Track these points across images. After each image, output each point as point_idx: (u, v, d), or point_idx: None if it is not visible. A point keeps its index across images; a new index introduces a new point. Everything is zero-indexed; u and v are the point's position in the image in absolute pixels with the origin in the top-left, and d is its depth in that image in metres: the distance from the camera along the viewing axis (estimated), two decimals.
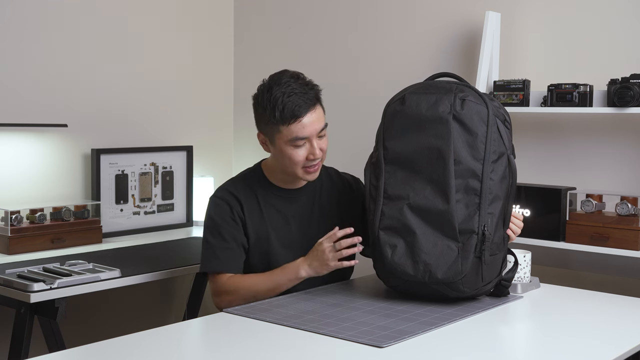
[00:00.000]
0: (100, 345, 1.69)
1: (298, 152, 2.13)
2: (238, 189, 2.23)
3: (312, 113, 2.12)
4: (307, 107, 2.11)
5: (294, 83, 2.12)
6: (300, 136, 2.11)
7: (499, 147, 2.00)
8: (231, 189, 2.24)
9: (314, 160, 2.15)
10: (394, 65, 3.37)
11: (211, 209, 2.23)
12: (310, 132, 2.12)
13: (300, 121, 2.10)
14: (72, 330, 3.04)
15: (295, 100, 2.09)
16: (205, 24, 3.77)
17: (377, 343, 1.70)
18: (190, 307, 3.37)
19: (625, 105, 2.56)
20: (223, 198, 2.22)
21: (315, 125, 2.13)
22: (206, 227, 2.23)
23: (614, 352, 1.71)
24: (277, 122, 2.11)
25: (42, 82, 3.12)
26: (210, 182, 3.66)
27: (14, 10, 3.03)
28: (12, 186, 3.04)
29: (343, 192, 2.32)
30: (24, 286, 2.29)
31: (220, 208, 2.21)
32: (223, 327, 1.88)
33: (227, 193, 2.23)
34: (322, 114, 2.17)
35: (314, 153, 2.13)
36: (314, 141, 2.13)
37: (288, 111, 2.09)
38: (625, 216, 2.59)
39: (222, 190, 2.25)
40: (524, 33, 3.02)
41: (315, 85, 2.17)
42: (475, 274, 1.96)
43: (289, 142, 2.12)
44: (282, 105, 2.09)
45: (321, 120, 2.15)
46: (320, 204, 2.27)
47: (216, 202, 2.23)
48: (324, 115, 2.18)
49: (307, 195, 2.27)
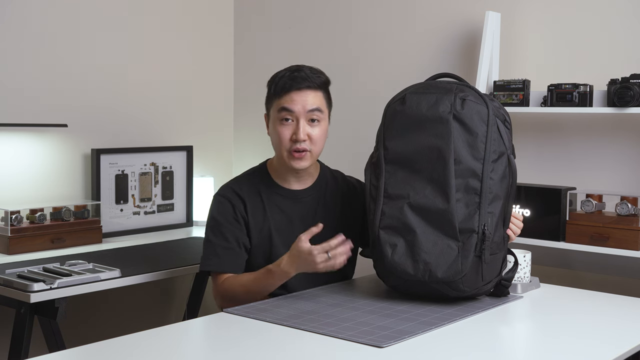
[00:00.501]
0: (100, 345, 1.69)
1: (284, 129, 2.16)
2: (242, 188, 2.23)
3: (307, 91, 2.15)
4: (303, 84, 2.15)
5: (303, 67, 2.19)
6: (287, 107, 2.14)
7: (499, 146, 2.01)
8: (235, 187, 2.24)
9: (298, 142, 2.15)
10: (394, 65, 3.37)
11: (214, 207, 2.23)
12: (298, 108, 2.14)
13: (290, 93, 2.15)
14: (72, 330, 3.04)
15: (294, 76, 2.16)
16: (205, 24, 3.77)
17: (377, 343, 1.70)
18: (190, 307, 3.37)
19: (625, 105, 2.56)
20: (226, 196, 2.22)
21: (306, 102, 2.15)
22: (208, 226, 2.23)
23: (614, 352, 1.71)
24: (273, 95, 2.19)
25: (42, 82, 3.12)
26: (210, 182, 3.67)
27: (14, 10, 3.03)
28: (12, 186, 3.04)
29: (347, 195, 2.32)
30: (24, 286, 2.29)
31: (223, 207, 2.21)
32: (223, 327, 1.88)
33: (230, 192, 2.23)
34: (320, 99, 2.19)
35: (297, 133, 2.14)
36: (301, 121, 2.15)
37: (282, 83, 2.16)
38: (625, 216, 2.59)
39: (226, 189, 2.25)
40: (524, 33, 3.02)
41: (325, 75, 2.21)
42: (475, 273, 1.97)
43: (277, 113, 2.16)
44: (280, 79, 2.17)
45: (316, 102, 2.17)
46: (325, 206, 2.27)
47: (219, 200, 2.23)
48: (325, 104, 2.20)
49: (312, 196, 2.27)
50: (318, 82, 2.18)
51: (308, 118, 2.16)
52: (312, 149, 2.18)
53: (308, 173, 2.27)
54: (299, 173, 2.24)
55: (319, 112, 2.17)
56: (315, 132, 2.17)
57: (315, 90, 2.17)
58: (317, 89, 2.18)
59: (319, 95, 2.18)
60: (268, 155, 2.33)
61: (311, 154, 2.18)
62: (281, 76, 2.18)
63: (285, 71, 2.20)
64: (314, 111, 2.16)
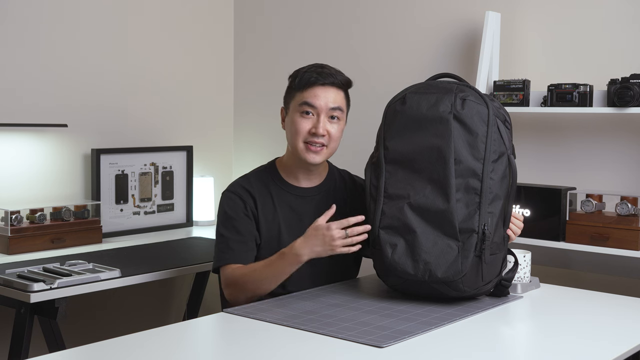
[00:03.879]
0: (100, 345, 1.69)
1: (304, 121, 2.17)
2: (252, 185, 2.23)
3: (330, 88, 2.18)
4: (328, 80, 2.17)
5: (327, 65, 2.22)
6: (309, 102, 2.16)
7: (499, 146, 2.01)
8: (245, 184, 2.24)
9: (316, 136, 2.16)
10: (394, 65, 3.37)
11: (224, 203, 2.22)
12: (320, 104, 2.16)
13: (314, 88, 2.17)
14: (72, 330, 3.04)
15: (320, 72, 2.18)
16: (205, 24, 3.77)
17: (377, 343, 1.70)
18: (190, 307, 3.37)
19: (625, 105, 2.56)
20: (236, 193, 2.22)
21: (328, 99, 2.17)
22: (220, 222, 2.22)
23: (614, 352, 1.71)
24: (295, 89, 2.20)
25: (42, 82, 3.12)
26: (210, 182, 3.67)
27: (14, 10, 3.03)
28: (12, 186, 3.04)
29: (355, 193, 2.33)
30: (24, 286, 2.29)
31: (234, 202, 2.21)
32: (223, 327, 1.88)
33: (240, 188, 2.23)
34: (342, 98, 2.21)
35: (317, 127, 2.15)
36: (322, 116, 2.16)
37: (306, 78, 2.18)
38: (625, 216, 2.59)
39: (236, 186, 2.24)
40: (524, 33, 3.02)
41: (347, 77, 2.24)
42: (476, 273, 1.97)
43: (298, 107, 2.18)
44: (304, 73, 2.19)
45: (337, 101, 2.19)
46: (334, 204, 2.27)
47: (229, 196, 2.22)
48: (345, 104, 2.23)
49: (321, 194, 2.27)
50: (342, 81, 2.21)
51: (329, 115, 2.18)
52: (329, 145, 2.19)
53: (317, 171, 2.27)
54: (309, 170, 2.24)
55: (340, 111, 2.20)
56: (334, 129, 2.19)
57: (338, 88, 2.20)
58: (340, 88, 2.21)
59: (340, 94, 2.21)
60: (268, 155, 2.33)
61: (327, 150, 2.20)
62: (306, 70, 2.20)
63: (310, 66, 2.22)
64: (335, 109, 2.18)
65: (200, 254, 2.90)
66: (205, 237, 3.26)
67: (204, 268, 2.78)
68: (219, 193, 3.40)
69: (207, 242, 3.14)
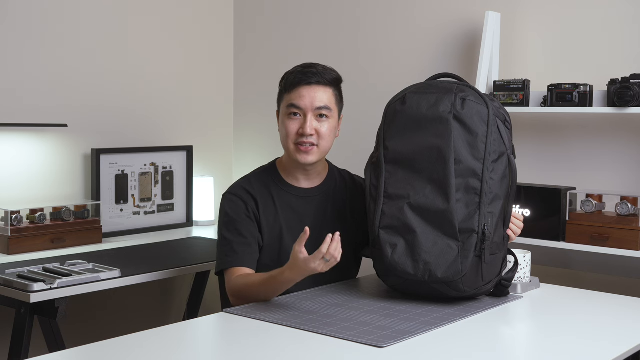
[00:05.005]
0: (100, 345, 1.69)
1: (292, 122, 2.16)
2: (253, 187, 2.22)
3: (316, 87, 2.16)
4: (313, 79, 2.16)
5: (316, 64, 2.20)
6: (295, 103, 2.15)
7: (499, 146, 2.01)
8: (246, 186, 2.23)
9: (304, 136, 2.15)
10: (394, 65, 3.37)
11: (225, 205, 2.21)
12: (306, 104, 2.15)
13: (298, 89, 2.16)
14: (72, 330, 3.04)
15: (305, 72, 2.17)
16: (205, 24, 3.77)
17: (377, 343, 1.70)
18: (190, 307, 3.37)
19: (625, 105, 2.56)
20: (238, 195, 2.21)
21: (314, 98, 2.15)
22: (222, 224, 2.20)
23: (614, 352, 1.71)
24: (283, 91, 2.20)
25: (42, 82, 3.12)
26: (210, 182, 3.67)
27: (14, 10, 3.03)
28: (12, 186, 3.04)
29: (356, 193, 2.32)
30: (24, 286, 2.28)
31: (235, 204, 2.19)
32: (223, 327, 1.88)
33: (242, 190, 2.22)
34: (330, 96, 2.18)
35: (304, 127, 2.14)
36: (309, 116, 2.15)
37: (291, 79, 2.17)
38: (625, 216, 2.59)
39: (237, 187, 2.23)
40: (524, 33, 3.02)
41: (336, 73, 2.22)
42: (476, 273, 1.97)
43: (286, 109, 2.17)
44: (290, 75, 2.19)
45: (324, 100, 2.16)
46: (334, 204, 2.27)
47: (230, 199, 2.21)
48: (334, 101, 2.20)
49: (322, 194, 2.27)
50: (329, 79, 2.18)
51: (316, 114, 2.16)
52: (320, 144, 2.18)
53: (317, 172, 2.27)
54: (307, 170, 2.24)
55: (327, 109, 2.17)
56: (323, 128, 2.17)
57: (325, 86, 2.18)
58: (327, 86, 2.18)
59: (328, 92, 2.18)
60: (268, 155, 2.33)
61: (319, 149, 2.18)
62: (292, 72, 2.20)
63: (296, 67, 2.21)
64: (322, 108, 2.16)
65: (200, 254, 2.90)
66: (205, 237, 3.26)
67: (204, 268, 2.78)
68: (219, 193, 3.41)
69: (207, 242, 3.14)
